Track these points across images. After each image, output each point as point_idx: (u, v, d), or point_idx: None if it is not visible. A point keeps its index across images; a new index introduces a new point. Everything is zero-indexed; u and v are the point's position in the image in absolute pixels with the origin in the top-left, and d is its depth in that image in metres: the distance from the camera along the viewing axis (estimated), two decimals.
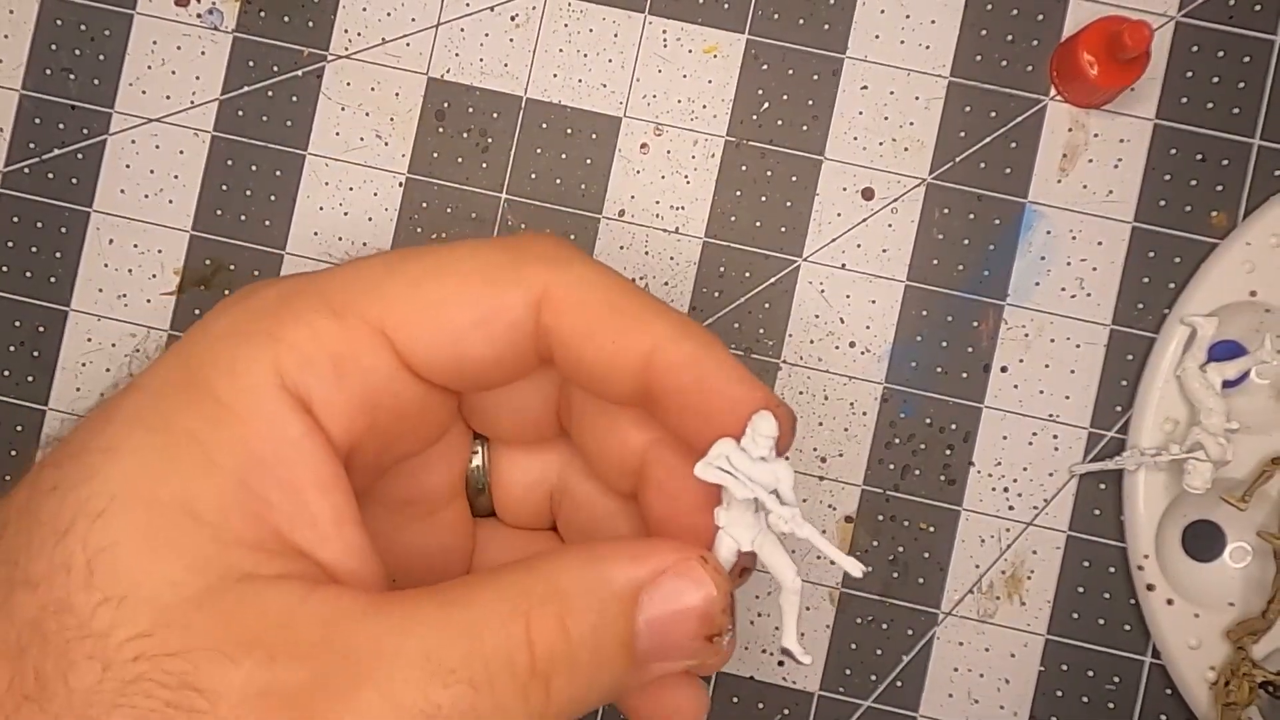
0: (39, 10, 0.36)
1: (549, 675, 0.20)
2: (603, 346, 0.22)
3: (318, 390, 0.21)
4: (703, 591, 0.21)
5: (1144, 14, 0.35)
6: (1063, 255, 0.35)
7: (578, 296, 0.22)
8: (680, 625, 0.21)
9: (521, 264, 0.22)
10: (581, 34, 0.36)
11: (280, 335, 0.21)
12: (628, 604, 0.21)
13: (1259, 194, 0.35)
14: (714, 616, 0.21)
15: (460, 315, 0.22)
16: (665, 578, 0.21)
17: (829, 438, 0.35)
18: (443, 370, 0.23)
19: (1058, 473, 0.35)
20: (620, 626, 0.21)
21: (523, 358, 0.23)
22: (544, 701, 0.20)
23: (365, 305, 0.22)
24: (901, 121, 0.35)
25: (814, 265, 0.35)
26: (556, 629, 0.20)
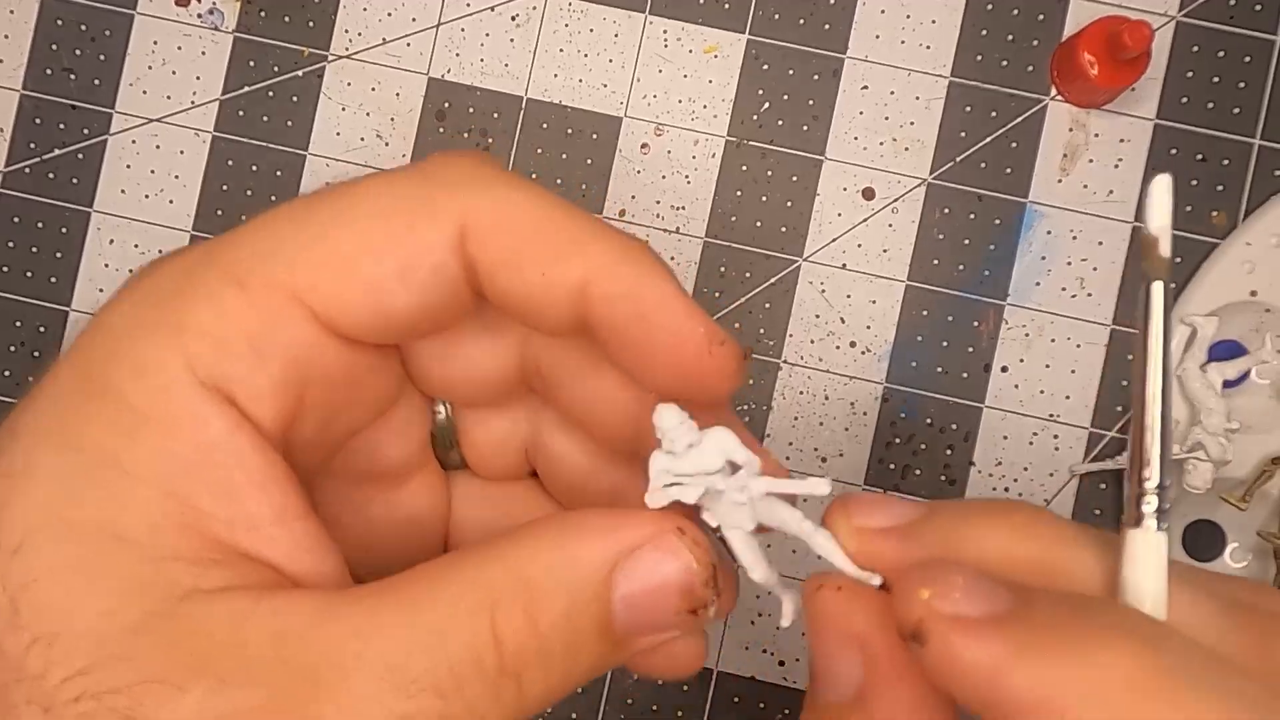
0: (39, 10, 0.36)
1: (520, 671, 0.19)
2: (531, 279, 0.20)
3: (237, 378, 0.19)
4: (681, 564, 0.20)
5: (1144, 14, 0.35)
6: (1063, 255, 0.35)
7: (500, 223, 0.20)
8: (659, 601, 0.20)
9: (435, 194, 0.20)
10: (582, 34, 0.36)
11: (186, 322, 0.19)
12: (601, 586, 0.19)
13: (1259, 194, 0.35)
14: (694, 589, 0.20)
15: (377, 266, 0.20)
16: (641, 553, 0.20)
17: (829, 438, 0.35)
18: (369, 328, 0.21)
19: (1058, 472, 0.35)
20: (594, 610, 0.19)
21: (455, 298, 0.21)
22: (517, 696, 0.19)
23: (272, 270, 0.20)
24: (902, 121, 0.35)
25: (815, 265, 0.35)
26: (524, 622, 0.19)
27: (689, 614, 0.20)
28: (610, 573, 0.19)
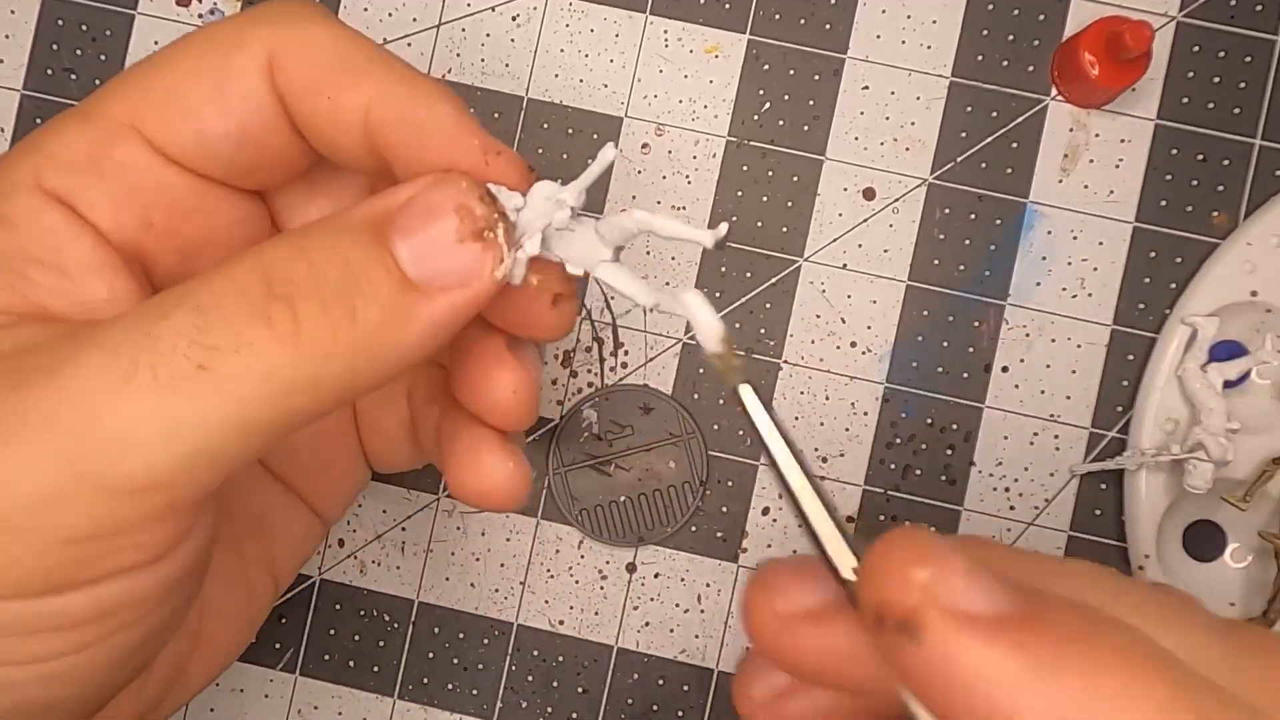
0: (40, 10, 0.36)
1: (292, 298, 0.18)
2: (321, 104, 0.21)
3: (76, 187, 0.21)
4: (452, 189, 0.20)
5: (1145, 14, 0.35)
6: (1064, 255, 0.35)
7: (301, 54, 0.21)
8: (436, 225, 0.19)
9: (249, 28, 0.22)
10: (583, 34, 0.36)
11: (40, 147, 0.22)
12: (375, 225, 0.19)
13: (1260, 194, 0.35)
14: (471, 206, 0.20)
15: (194, 91, 0.22)
16: (414, 197, 0.20)
17: (830, 438, 0.35)
18: (195, 153, 0.22)
19: (1059, 473, 0.35)
20: (369, 243, 0.19)
21: (272, 130, 0.22)
22: (292, 326, 0.18)
23: (112, 104, 0.22)
24: (903, 121, 0.35)
25: (815, 265, 0.35)
26: (291, 253, 0.19)
27: (474, 238, 0.20)
28: (382, 213, 0.20)
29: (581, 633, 0.35)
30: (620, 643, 0.35)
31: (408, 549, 0.36)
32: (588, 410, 0.35)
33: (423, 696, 0.36)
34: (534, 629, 0.36)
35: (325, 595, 0.36)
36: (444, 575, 0.36)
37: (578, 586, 0.35)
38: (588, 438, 0.35)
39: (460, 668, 0.36)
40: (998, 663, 0.13)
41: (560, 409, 0.35)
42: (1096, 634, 0.14)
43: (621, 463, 0.35)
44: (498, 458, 0.24)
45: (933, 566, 0.14)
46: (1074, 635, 0.14)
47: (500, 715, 0.35)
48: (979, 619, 0.14)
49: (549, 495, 0.35)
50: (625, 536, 0.35)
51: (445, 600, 0.36)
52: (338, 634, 0.36)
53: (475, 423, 0.24)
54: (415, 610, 0.36)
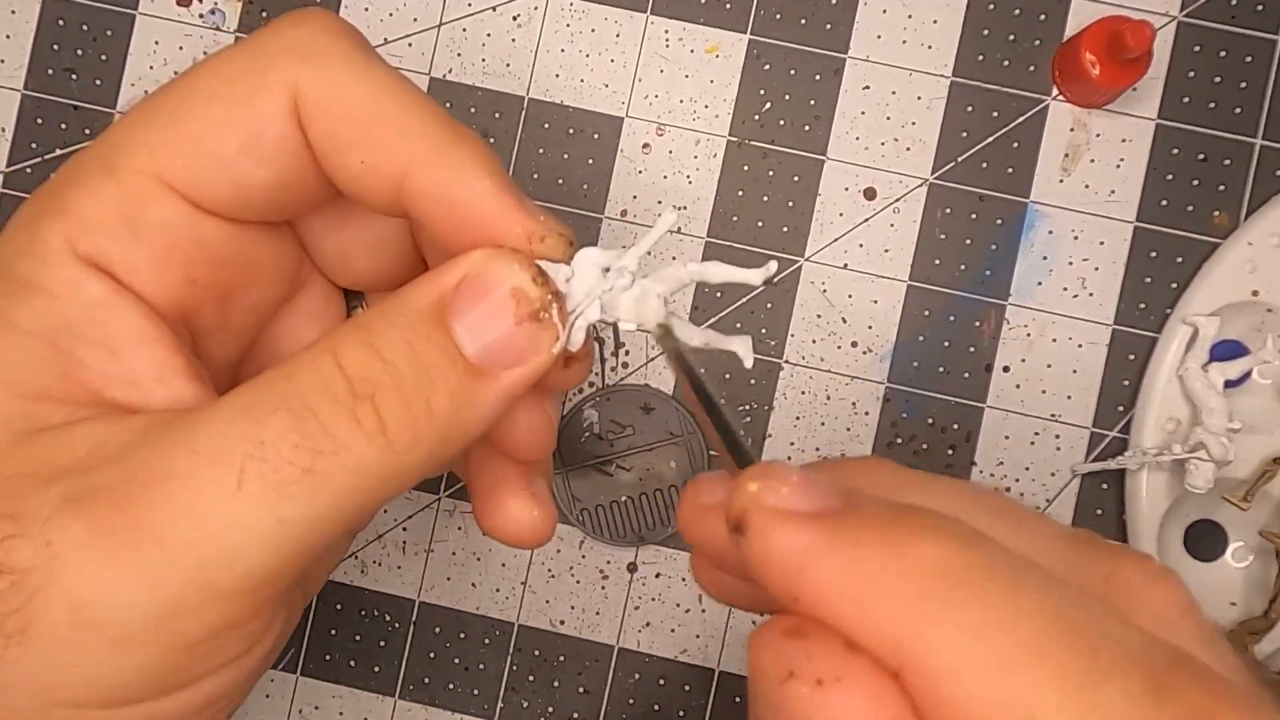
0: (41, 10, 0.36)
1: (372, 395, 0.19)
2: (352, 165, 0.21)
3: (114, 252, 0.21)
4: (505, 270, 0.20)
5: (1146, 14, 0.35)
6: (1065, 255, 0.35)
7: (325, 103, 0.21)
8: (495, 310, 0.20)
9: (268, 65, 0.21)
10: (583, 34, 0.36)
11: (67, 207, 0.21)
12: (436, 313, 0.20)
13: (1261, 194, 0.35)
14: (526, 289, 0.20)
15: (223, 143, 0.21)
16: (468, 277, 0.20)
17: (831, 438, 0.35)
18: (233, 203, 0.22)
19: (1060, 472, 0.35)
20: (436, 334, 0.20)
21: (308, 172, 0.22)
22: (379, 425, 0.19)
23: (135, 156, 0.21)
24: (903, 121, 0.35)
25: (816, 265, 0.35)
26: (365, 351, 0.19)
27: (531, 320, 0.20)
28: (440, 298, 0.20)
29: (582, 632, 0.35)
30: (621, 643, 0.35)
31: (409, 549, 0.36)
32: (589, 410, 0.35)
33: (424, 696, 0.36)
34: (535, 629, 0.35)
35: (326, 595, 0.36)
36: (445, 575, 0.36)
37: (579, 586, 0.35)
38: (589, 438, 0.35)
39: (461, 667, 0.36)
40: (800, 539, 0.16)
41: (561, 409, 0.35)
42: (900, 516, 0.16)
43: (622, 463, 0.35)
44: (522, 502, 0.25)
45: (763, 480, 0.17)
46: (875, 517, 0.16)
47: (501, 715, 0.35)
48: (796, 513, 0.16)
49: None
50: (626, 536, 0.35)
51: (446, 600, 0.36)
52: (339, 634, 0.36)
53: (499, 455, 0.25)
54: (416, 610, 0.36)
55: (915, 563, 0.15)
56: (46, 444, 0.20)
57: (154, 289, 0.21)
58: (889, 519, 0.16)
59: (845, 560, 0.16)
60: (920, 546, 0.15)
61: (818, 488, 0.17)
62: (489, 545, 0.36)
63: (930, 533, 0.16)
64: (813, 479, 0.17)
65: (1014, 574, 0.15)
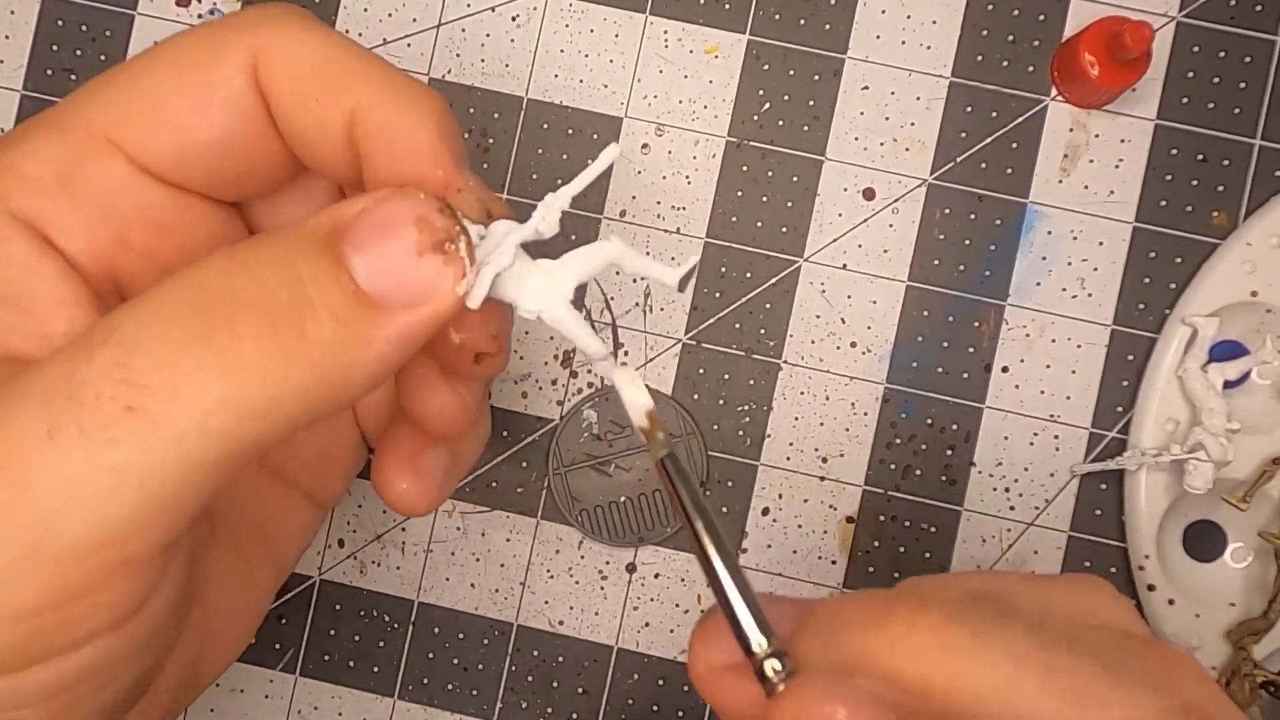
0: (40, 10, 0.36)
1: (232, 317, 0.17)
2: (309, 109, 0.20)
3: (48, 211, 0.20)
4: (410, 199, 0.18)
5: (1145, 14, 0.35)
6: (1064, 255, 0.35)
7: (286, 58, 0.20)
8: (395, 237, 0.18)
9: (230, 33, 0.21)
10: (583, 34, 0.36)
11: (4, 163, 0.20)
12: (327, 236, 0.18)
13: (1260, 194, 0.35)
14: (430, 219, 0.18)
15: (176, 102, 0.20)
16: (369, 208, 0.18)
17: (830, 438, 0.35)
18: (176, 166, 0.21)
19: (1059, 473, 0.35)
20: (322, 255, 0.18)
21: (256, 137, 0.21)
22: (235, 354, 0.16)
23: (87, 115, 0.20)
24: (902, 122, 0.35)
25: (815, 265, 0.35)
26: (230, 266, 0.17)
27: (435, 250, 0.18)
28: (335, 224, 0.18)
29: (581, 633, 0.35)
30: (620, 643, 0.35)
31: (408, 549, 0.36)
32: (588, 410, 0.35)
33: (423, 697, 0.36)
34: (534, 629, 0.35)
35: (325, 596, 0.36)
36: (444, 576, 0.36)
37: (578, 587, 0.35)
38: (587, 438, 0.35)
39: (460, 668, 0.36)
40: None
41: (560, 409, 0.35)
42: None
43: (621, 463, 0.35)
44: (400, 471, 0.24)
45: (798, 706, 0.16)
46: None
47: (500, 715, 0.35)
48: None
49: (549, 495, 0.35)
50: (625, 537, 0.35)
51: (445, 600, 0.36)
52: (338, 634, 0.36)
53: (403, 423, 0.24)
54: (415, 611, 0.36)
55: None
56: None
57: (84, 247, 0.21)
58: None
59: None
60: None
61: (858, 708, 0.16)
62: (488, 546, 0.36)
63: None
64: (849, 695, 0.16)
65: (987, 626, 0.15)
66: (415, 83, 0.21)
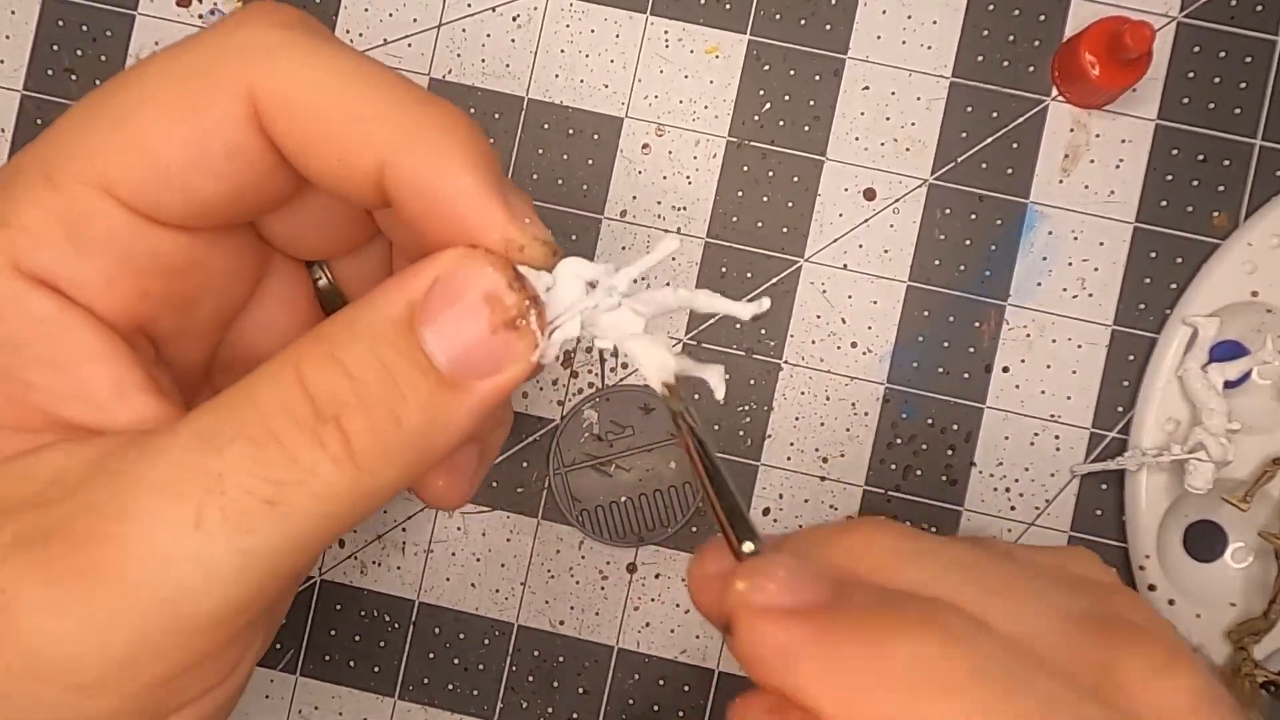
0: (40, 11, 0.36)
1: (338, 416, 0.18)
2: (328, 163, 0.19)
3: (59, 267, 0.19)
4: (479, 274, 0.19)
5: (1145, 14, 0.35)
6: (1064, 255, 0.35)
7: (287, 102, 0.19)
8: (469, 319, 0.19)
9: (218, 67, 0.19)
10: (583, 34, 0.36)
11: (7, 219, 0.19)
12: (404, 320, 0.19)
13: (1260, 194, 0.35)
14: (501, 295, 0.19)
15: (171, 155, 0.19)
16: (437, 283, 0.19)
17: (831, 438, 0.35)
18: (185, 214, 0.20)
19: (1059, 473, 0.35)
20: (404, 343, 0.18)
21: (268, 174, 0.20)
22: (345, 447, 0.18)
23: (78, 164, 0.19)
24: (903, 122, 0.35)
25: (816, 265, 0.35)
26: (328, 365, 0.18)
27: (507, 328, 0.19)
28: (408, 306, 0.19)
29: (582, 633, 0.35)
30: (621, 643, 0.35)
31: (408, 549, 0.36)
32: (588, 410, 0.35)
33: (423, 697, 0.36)
34: (534, 629, 0.35)
35: (326, 595, 0.36)
36: (444, 576, 0.36)
37: (578, 587, 0.35)
38: (588, 438, 0.35)
39: (461, 668, 0.36)
40: (784, 636, 0.16)
41: (561, 409, 0.35)
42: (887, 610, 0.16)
43: (622, 463, 0.35)
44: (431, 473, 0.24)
45: (750, 578, 0.17)
46: (862, 611, 0.16)
47: (501, 715, 0.35)
48: (782, 610, 0.17)
49: (549, 495, 0.35)
50: (626, 537, 0.35)
51: (446, 600, 0.36)
52: (338, 634, 0.36)
53: None
54: (416, 610, 0.36)
55: (900, 662, 0.15)
56: (1, 479, 0.19)
57: (105, 303, 0.20)
58: (875, 614, 0.16)
59: (829, 658, 0.16)
60: (905, 644, 0.15)
61: (805, 581, 0.17)
62: (489, 546, 0.36)
63: (916, 628, 0.16)
64: (801, 572, 0.17)
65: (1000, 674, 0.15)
66: (439, 110, 0.20)
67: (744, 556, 0.18)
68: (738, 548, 0.19)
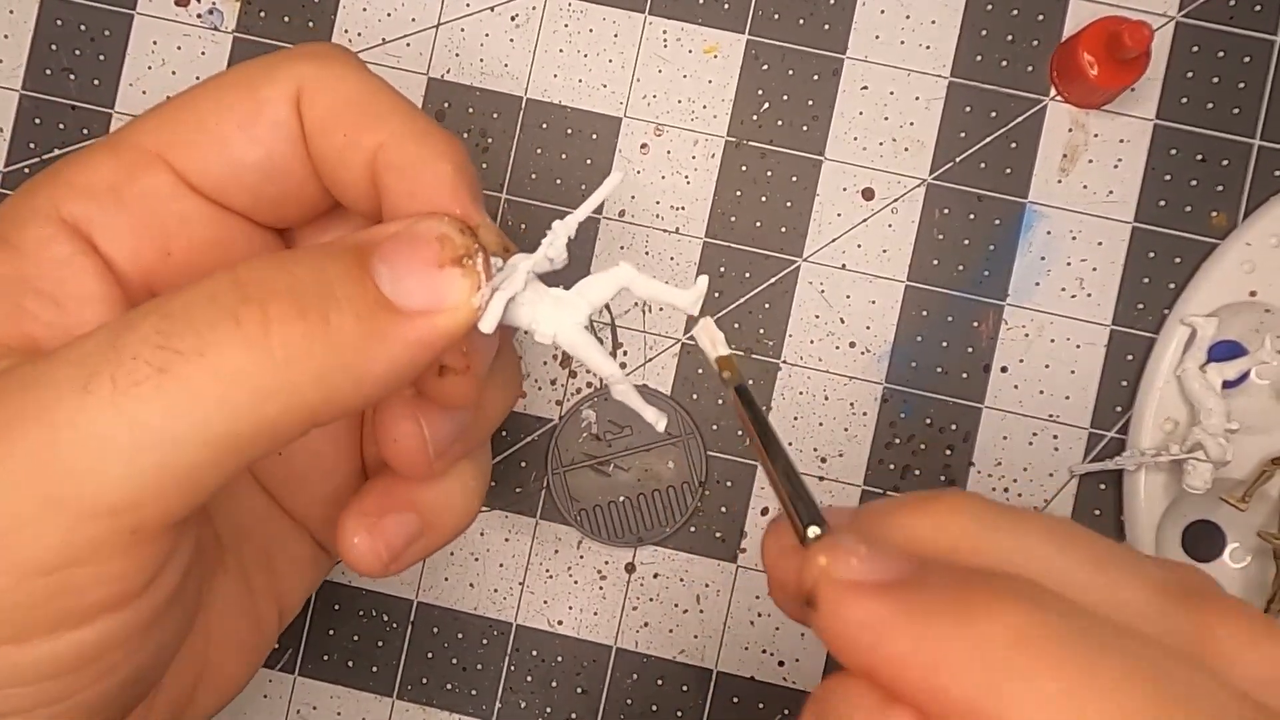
0: (39, 10, 0.36)
1: (264, 300, 0.18)
2: (336, 140, 0.22)
3: (96, 217, 0.22)
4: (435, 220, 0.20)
5: (1144, 14, 0.35)
6: (1063, 255, 0.35)
7: (328, 89, 0.22)
8: (418, 251, 0.20)
9: (281, 64, 0.22)
10: (582, 34, 0.36)
11: (60, 177, 0.22)
12: (355, 250, 0.19)
13: (1259, 194, 0.35)
14: (452, 236, 0.20)
15: (224, 121, 0.22)
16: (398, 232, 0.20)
17: (829, 438, 0.35)
18: (221, 183, 0.22)
19: (1058, 473, 0.35)
20: (351, 261, 0.19)
21: (297, 163, 0.22)
22: (263, 327, 0.18)
23: (141, 135, 0.22)
24: (902, 122, 0.35)
25: (814, 265, 0.35)
26: (270, 265, 0.19)
27: (453, 264, 0.20)
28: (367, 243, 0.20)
29: (580, 633, 0.35)
30: (619, 643, 0.35)
31: None
32: (586, 410, 0.35)
33: (421, 697, 0.36)
34: (533, 629, 0.36)
35: (324, 595, 0.36)
36: (443, 575, 0.36)
37: (576, 587, 0.35)
38: (586, 438, 0.35)
39: (459, 668, 0.36)
40: (871, 611, 0.16)
41: (559, 409, 0.35)
42: (969, 587, 0.16)
43: (620, 463, 0.35)
44: (351, 525, 0.24)
45: (832, 553, 0.17)
46: (945, 585, 0.16)
47: (499, 715, 0.35)
48: (866, 585, 0.16)
49: (548, 495, 0.35)
50: (624, 537, 0.35)
51: (444, 600, 0.36)
52: (337, 634, 0.36)
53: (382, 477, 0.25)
54: (414, 610, 0.36)
55: (988, 632, 0.15)
56: None
57: (127, 254, 0.22)
58: (959, 587, 0.16)
59: (917, 633, 0.15)
60: (992, 615, 0.15)
61: (887, 558, 0.17)
62: (487, 545, 0.36)
63: (1003, 599, 0.15)
64: (882, 549, 0.17)
65: (1094, 639, 0.15)
66: (440, 128, 0.22)
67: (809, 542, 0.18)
68: (803, 533, 0.18)
